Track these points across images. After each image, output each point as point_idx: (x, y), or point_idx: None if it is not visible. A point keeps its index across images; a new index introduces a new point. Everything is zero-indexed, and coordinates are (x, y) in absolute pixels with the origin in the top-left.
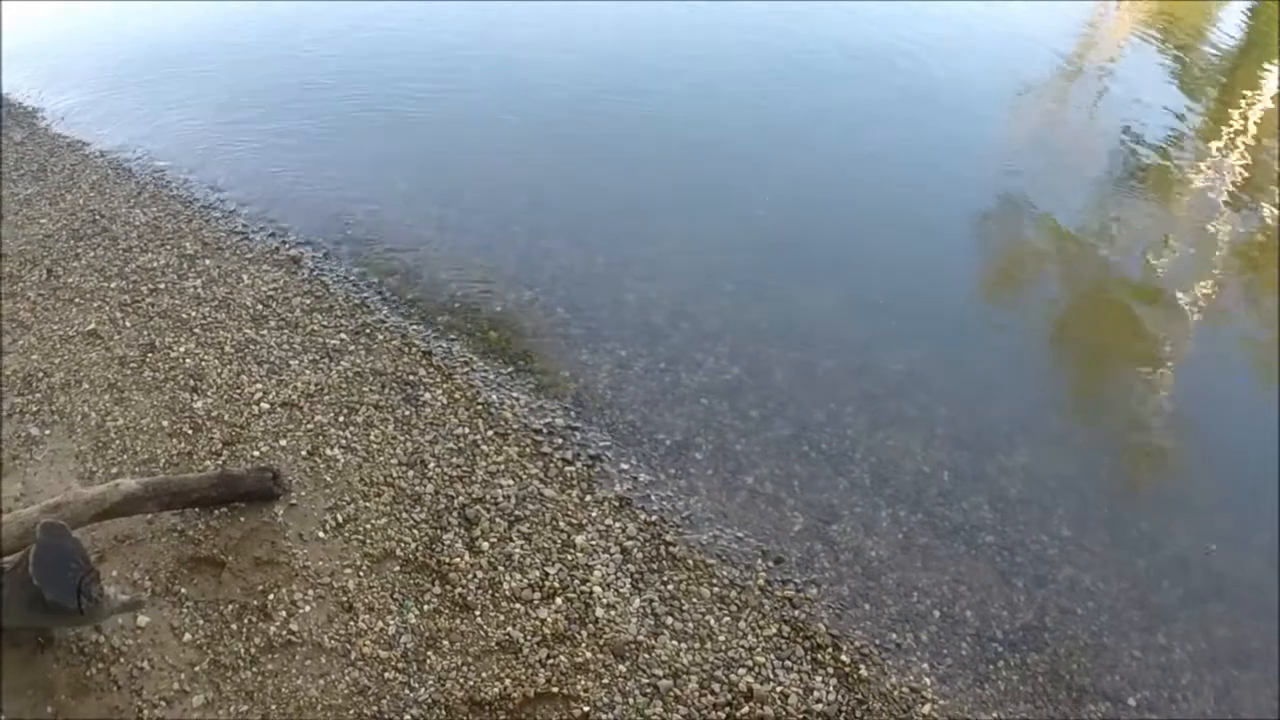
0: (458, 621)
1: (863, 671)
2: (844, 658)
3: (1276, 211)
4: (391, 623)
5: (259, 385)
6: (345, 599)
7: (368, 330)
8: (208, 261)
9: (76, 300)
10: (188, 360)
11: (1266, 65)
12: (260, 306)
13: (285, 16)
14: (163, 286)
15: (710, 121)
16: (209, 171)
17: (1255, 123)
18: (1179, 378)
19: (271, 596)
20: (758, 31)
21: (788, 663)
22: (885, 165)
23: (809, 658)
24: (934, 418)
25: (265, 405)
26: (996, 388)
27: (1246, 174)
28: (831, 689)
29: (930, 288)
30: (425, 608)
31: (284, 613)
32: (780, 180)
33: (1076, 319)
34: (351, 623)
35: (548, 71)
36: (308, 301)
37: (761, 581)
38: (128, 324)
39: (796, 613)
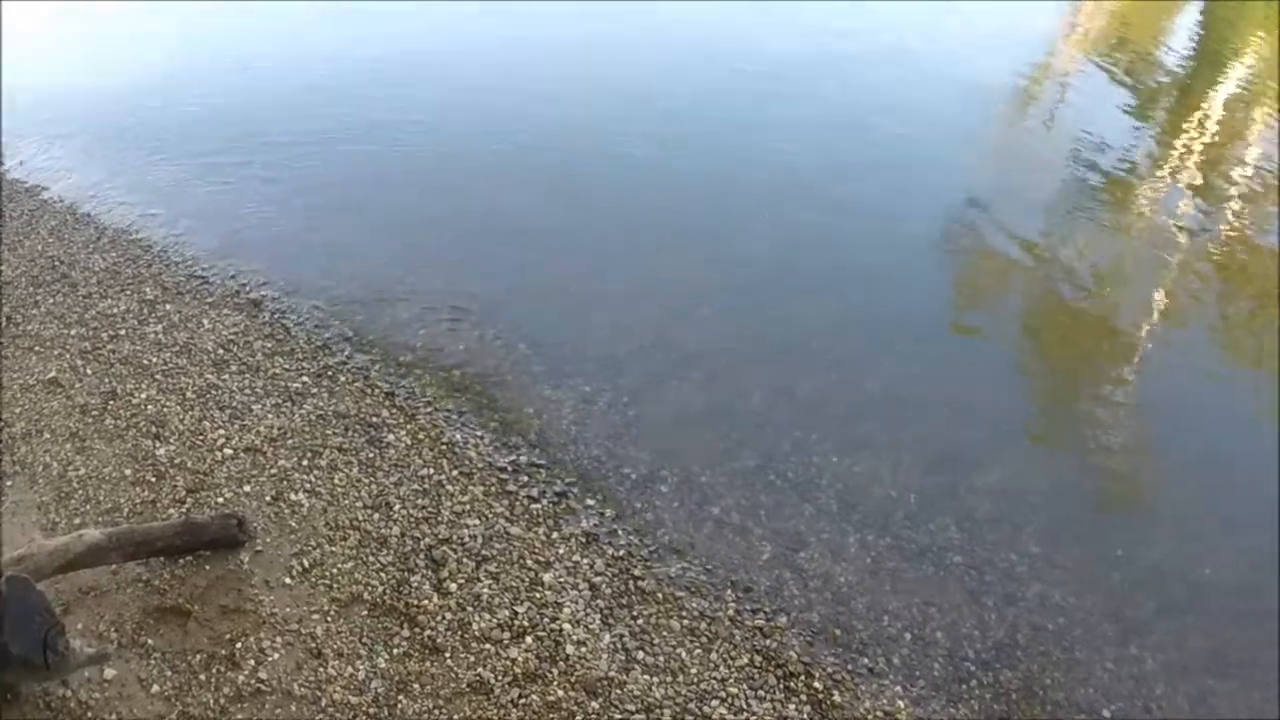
0: (428, 664)
1: (836, 698)
2: (816, 685)
3: (1229, 224)
4: (361, 668)
5: (222, 431)
6: (314, 645)
7: (330, 372)
8: (168, 306)
9: (36, 348)
10: (149, 407)
11: (1217, 80)
12: (222, 351)
13: (240, 58)
14: (123, 333)
15: (668, 151)
16: (168, 215)
17: (1207, 138)
18: (1145, 392)
19: (239, 645)
20: (700, 51)
21: (760, 692)
22: (845, 192)
23: (781, 686)
24: (900, 441)
25: (228, 451)
26: (963, 408)
27: (1201, 187)
28: (805, 717)
29: (894, 310)
30: (395, 651)
31: (252, 661)
32: (740, 209)
33: (1042, 336)
34: (321, 669)
35: (510, 109)
36: (269, 345)
37: (731, 612)
38: (89, 371)
39: (767, 642)
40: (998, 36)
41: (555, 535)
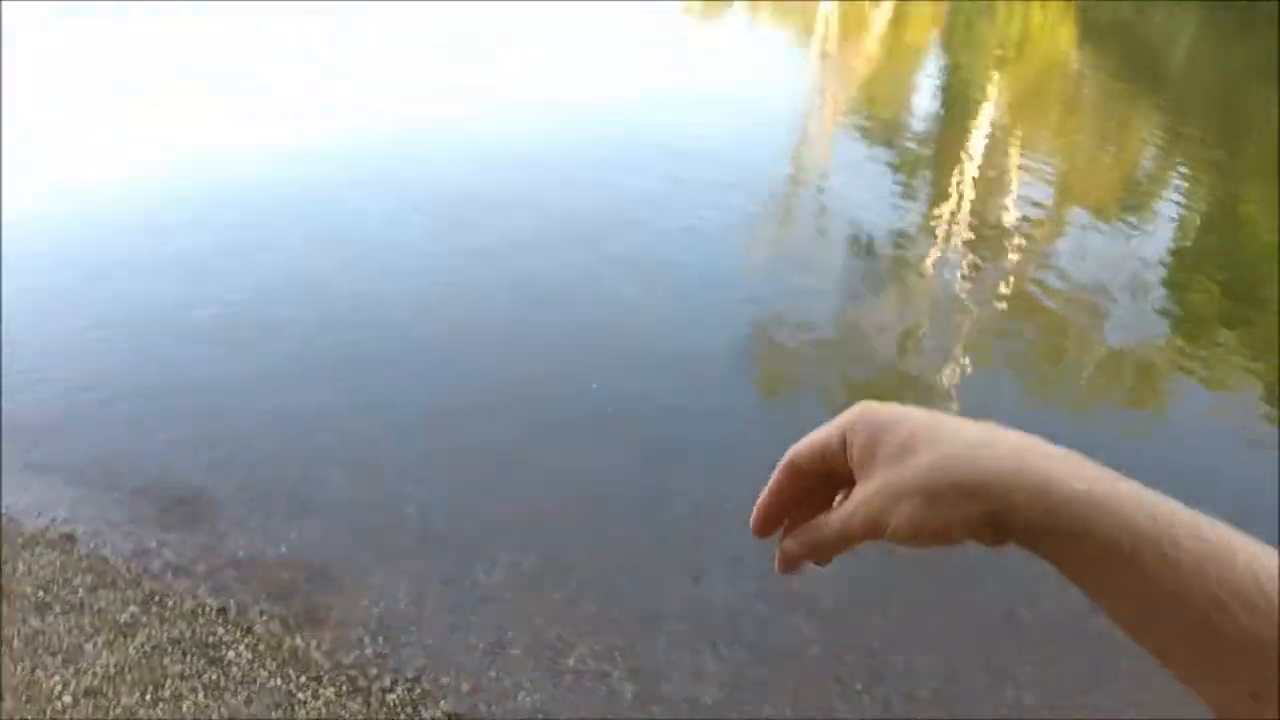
0: None
1: None
2: None
3: (1008, 267)
4: None
5: (56, 678)
6: None
7: (156, 597)
8: None
9: None
10: None
11: (967, 128)
12: (42, 593)
13: None
14: None
15: (446, 298)
16: None
17: (970, 190)
18: None
19: None
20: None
21: None
22: (629, 313)
23: None
24: (733, 549)
25: (68, 698)
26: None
27: (974, 240)
28: None
29: (699, 430)
30: None
31: None
32: (526, 343)
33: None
34: None
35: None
36: (90, 579)
37: None
38: None
39: None
40: (752, 124)
41: None
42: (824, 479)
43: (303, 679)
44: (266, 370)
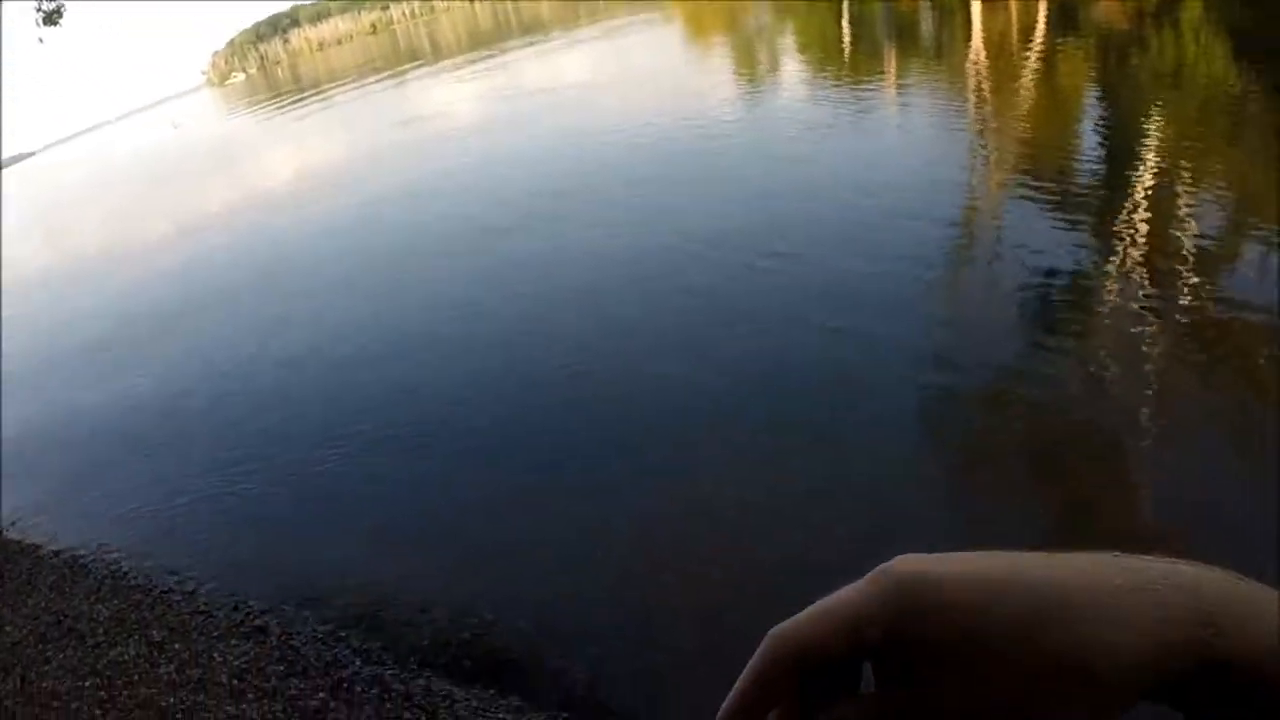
0: None
1: None
2: None
3: (1190, 302)
4: None
5: None
6: None
7: (345, 684)
8: (177, 645)
9: (54, 704)
10: None
11: (1134, 167)
12: (236, 681)
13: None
14: (137, 678)
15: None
16: (163, 555)
17: (1142, 228)
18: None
19: None
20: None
21: None
22: (818, 375)
23: None
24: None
25: None
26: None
27: (1152, 274)
28: None
29: (876, 470)
30: None
31: None
32: (699, 406)
33: (1052, 477)
34: None
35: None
36: (281, 668)
37: None
38: None
39: None
40: (917, 190)
41: None
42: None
43: None
44: (450, 463)
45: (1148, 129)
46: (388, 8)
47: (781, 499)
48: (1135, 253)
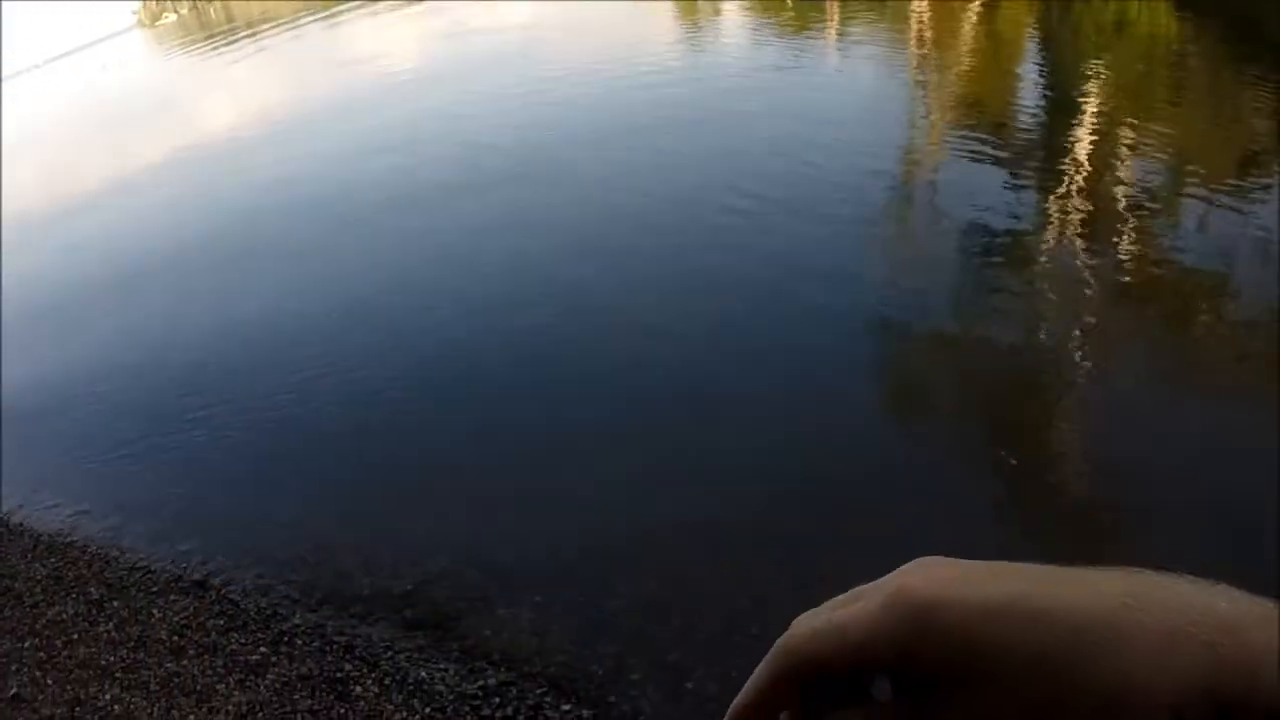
0: None
1: None
2: None
3: (1129, 248)
4: None
5: (191, 717)
6: None
7: (285, 637)
8: (116, 603)
9: None
10: (115, 707)
11: (1076, 112)
12: (176, 637)
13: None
14: (76, 637)
15: (566, 324)
16: (100, 512)
17: (1083, 173)
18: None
19: None
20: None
21: None
22: (760, 320)
23: None
24: (854, 567)
25: None
26: (910, 516)
27: (1090, 225)
28: None
29: (829, 430)
30: None
31: None
32: (655, 366)
33: (994, 421)
34: None
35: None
36: (221, 623)
37: None
38: (49, 681)
39: None
40: (856, 143)
41: None
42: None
43: (428, 710)
44: (389, 412)
45: (1089, 81)
46: None
47: (737, 453)
48: (1074, 204)
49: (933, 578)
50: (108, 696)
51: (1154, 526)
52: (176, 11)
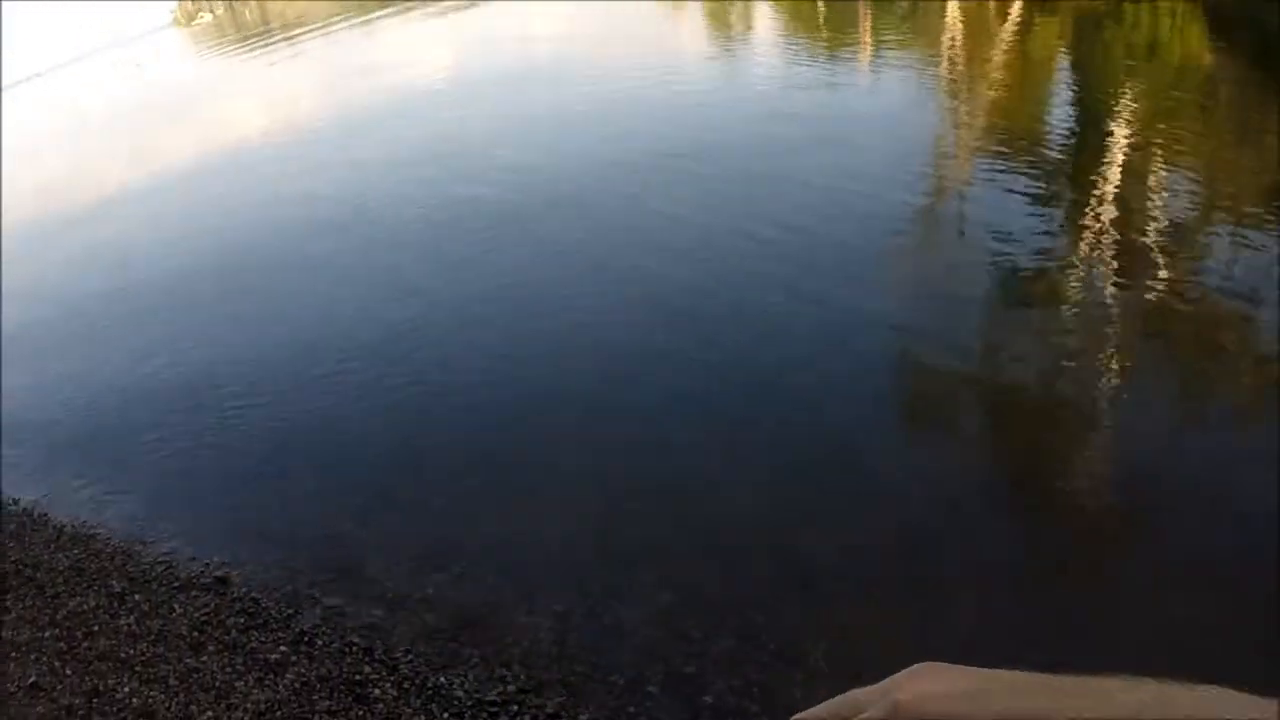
0: None
1: None
2: None
3: (1157, 282)
4: None
5: (209, 713)
6: None
7: (306, 638)
8: (137, 596)
9: (13, 655)
10: (134, 700)
11: (1104, 140)
12: (197, 633)
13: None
14: (97, 628)
15: (579, 309)
16: (124, 504)
17: (1111, 204)
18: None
19: None
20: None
21: None
22: (774, 344)
23: None
24: (874, 580)
25: None
26: (929, 533)
27: (1118, 255)
28: None
29: (847, 453)
30: None
31: None
32: (668, 380)
33: (1010, 450)
34: None
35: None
36: (242, 620)
37: None
38: (68, 672)
39: None
40: (889, 157)
41: None
42: None
43: (446, 716)
44: (415, 417)
45: (1120, 105)
46: None
47: (757, 473)
48: (1101, 233)
49: (929, 695)
50: (126, 689)
51: (1173, 560)
52: (212, 12)
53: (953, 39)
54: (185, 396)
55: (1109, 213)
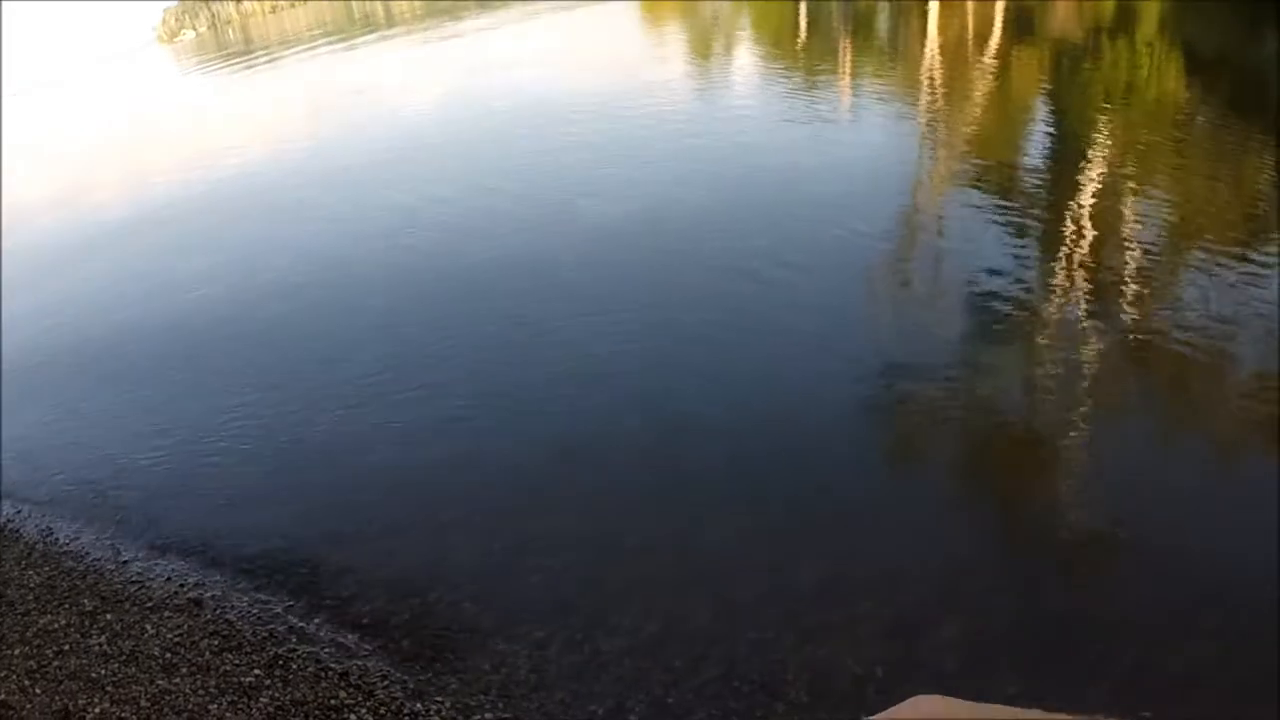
0: None
1: None
2: None
3: (1131, 313)
4: None
5: None
6: None
7: (280, 661)
8: (109, 616)
9: None
10: None
11: (1080, 171)
12: (169, 655)
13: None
14: (67, 648)
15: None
16: (98, 522)
17: (1086, 235)
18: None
19: None
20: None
21: None
22: (756, 384)
23: None
24: (857, 615)
25: None
26: (912, 568)
27: (1094, 285)
28: None
29: (824, 486)
30: None
31: None
32: (655, 411)
33: (983, 477)
34: None
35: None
36: (215, 642)
37: None
38: (38, 691)
39: None
40: (861, 191)
41: None
42: None
43: None
44: (388, 434)
45: (1096, 141)
46: None
47: (739, 503)
48: (1076, 262)
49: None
50: (97, 710)
51: (1152, 595)
52: (195, 29)
53: (931, 69)
54: (158, 419)
55: (1083, 248)
